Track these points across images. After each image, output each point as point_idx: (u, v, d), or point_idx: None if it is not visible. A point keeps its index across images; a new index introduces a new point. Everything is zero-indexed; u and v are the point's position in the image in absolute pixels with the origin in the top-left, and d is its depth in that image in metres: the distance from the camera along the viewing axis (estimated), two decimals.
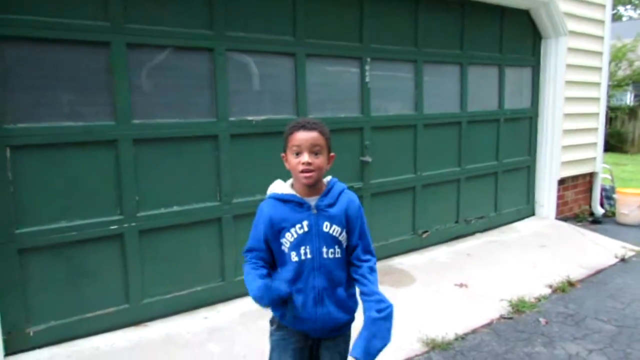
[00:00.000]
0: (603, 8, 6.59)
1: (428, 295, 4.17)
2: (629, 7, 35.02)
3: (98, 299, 3.33)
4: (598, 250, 5.50)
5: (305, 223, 1.98)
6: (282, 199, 2.02)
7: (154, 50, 3.46)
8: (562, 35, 6.08)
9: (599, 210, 7.02)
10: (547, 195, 6.43)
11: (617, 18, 30.53)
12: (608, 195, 7.27)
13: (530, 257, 5.16)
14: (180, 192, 3.61)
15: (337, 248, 2.02)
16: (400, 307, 3.87)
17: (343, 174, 4.12)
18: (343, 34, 4.39)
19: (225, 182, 3.78)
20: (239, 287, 3.75)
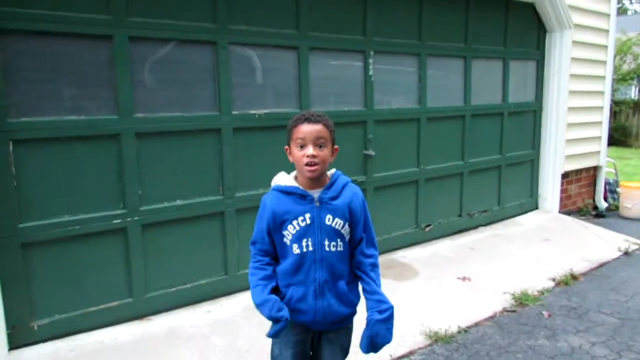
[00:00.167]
0: (608, 1, 6.56)
1: (431, 289, 4.17)
2: (635, 0, 34.82)
3: (101, 293, 3.34)
4: (601, 244, 5.49)
5: (308, 215, 1.98)
6: (285, 191, 2.02)
7: (157, 44, 3.45)
8: (566, 29, 6.04)
9: (603, 204, 7.00)
10: (550, 189, 6.41)
11: (622, 12, 30.35)
12: (612, 189, 7.26)
13: (534, 250, 5.16)
14: (183, 186, 3.61)
15: (339, 241, 2.02)
16: (403, 300, 3.89)
17: (346, 168, 4.12)
18: (346, 27, 4.37)
19: (228, 176, 3.78)
20: (242, 280, 3.76)
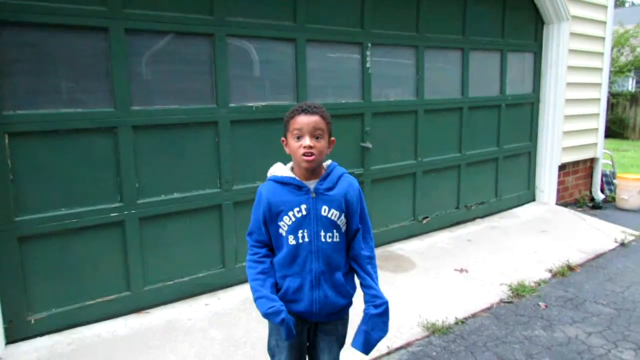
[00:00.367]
0: None
1: (428, 281, 4.18)
2: None
3: (99, 287, 3.34)
4: (598, 235, 5.51)
5: (304, 206, 1.98)
6: (281, 182, 2.02)
7: (153, 36, 3.43)
8: (564, 20, 6.03)
9: (600, 196, 7.02)
10: (547, 181, 6.42)
11: (620, 4, 30.26)
12: (608, 181, 7.28)
13: (531, 242, 5.17)
14: (181, 179, 3.60)
15: (335, 232, 2.02)
16: (401, 292, 3.90)
17: (344, 160, 4.11)
18: (344, 19, 4.36)
19: (226, 168, 3.77)
20: (240, 273, 3.77)
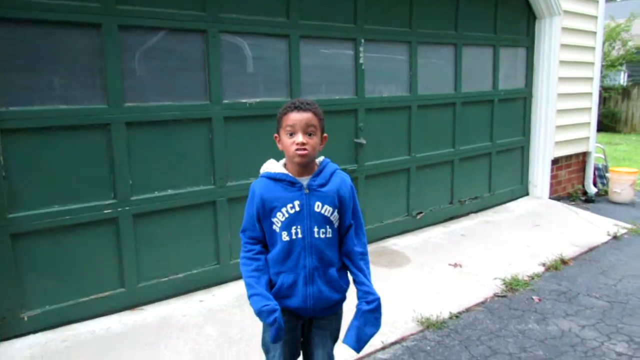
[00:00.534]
0: None
1: (422, 276, 4.20)
2: None
3: (93, 283, 3.33)
4: (591, 229, 5.55)
5: (297, 203, 1.99)
6: (274, 178, 2.02)
7: (147, 32, 3.41)
8: (556, 15, 6.05)
9: (592, 189, 7.06)
10: (540, 175, 6.45)
11: None
12: (601, 175, 7.32)
13: (524, 236, 5.20)
14: (174, 175, 3.59)
15: (328, 228, 2.02)
16: (395, 287, 3.92)
17: (337, 156, 4.11)
18: (337, 16, 4.35)
19: (220, 165, 3.77)
20: (235, 270, 3.77)
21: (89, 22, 3.16)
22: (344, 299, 2.15)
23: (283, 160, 2.08)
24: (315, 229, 2.00)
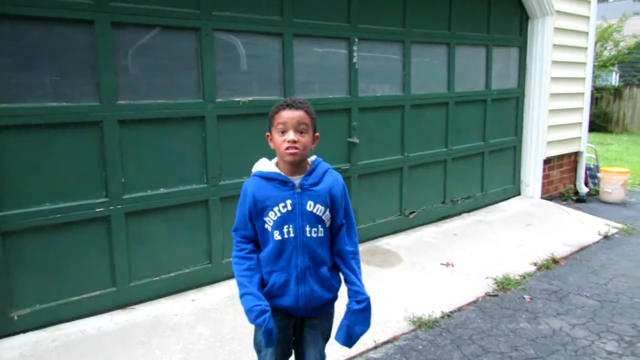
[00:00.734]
0: None
1: (414, 275, 4.21)
2: None
3: (84, 282, 3.31)
4: (582, 228, 5.58)
5: (289, 202, 1.98)
6: (266, 177, 2.02)
7: (140, 30, 3.39)
8: (548, 15, 6.08)
9: (584, 189, 7.10)
10: (532, 175, 6.48)
11: None
12: (592, 174, 7.36)
13: (516, 235, 5.23)
14: (167, 174, 3.58)
15: (320, 227, 2.03)
16: (387, 286, 3.92)
17: (330, 155, 4.11)
18: (331, 14, 4.35)
19: (212, 163, 3.76)
20: (227, 269, 3.76)
21: (82, 18, 3.14)
22: (336, 298, 2.16)
23: (275, 159, 2.07)
24: (307, 228, 2.00)
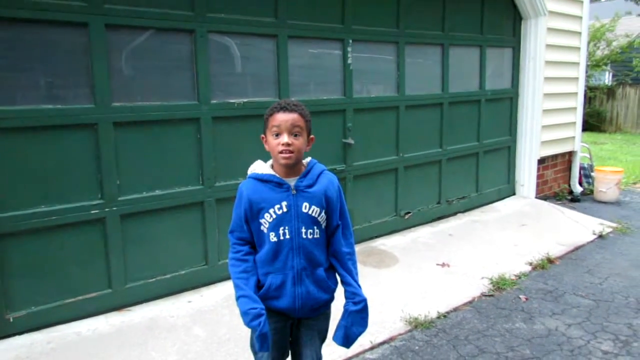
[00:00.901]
0: None
1: (410, 276, 4.22)
2: None
3: (80, 284, 3.30)
4: (577, 228, 5.61)
5: (285, 204, 1.99)
6: (261, 179, 2.02)
7: (134, 32, 3.39)
8: (541, 16, 6.11)
9: (578, 189, 7.14)
10: (527, 175, 6.51)
11: None
12: (587, 174, 7.39)
13: (511, 235, 5.24)
14: (162, 175, 3.57)
15: (316, 229, 2.03)
16: (383, 287, 3.93)
17: (325, 157, 4.12)
18: (325, 16, 4.35)
19: (208, 165, 3.76)
20: (223, 270, 3.75)
21: (76, 21, 3.13)
22: (333, 299, 2.16)
23: (270, 161, 2.08)
24: (303, 230, 2.00)
